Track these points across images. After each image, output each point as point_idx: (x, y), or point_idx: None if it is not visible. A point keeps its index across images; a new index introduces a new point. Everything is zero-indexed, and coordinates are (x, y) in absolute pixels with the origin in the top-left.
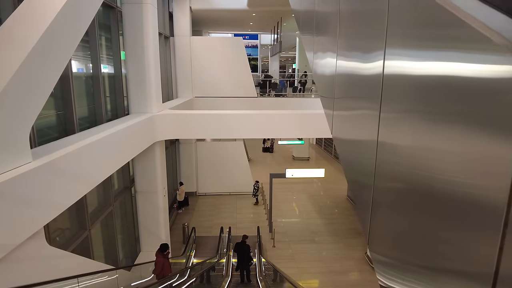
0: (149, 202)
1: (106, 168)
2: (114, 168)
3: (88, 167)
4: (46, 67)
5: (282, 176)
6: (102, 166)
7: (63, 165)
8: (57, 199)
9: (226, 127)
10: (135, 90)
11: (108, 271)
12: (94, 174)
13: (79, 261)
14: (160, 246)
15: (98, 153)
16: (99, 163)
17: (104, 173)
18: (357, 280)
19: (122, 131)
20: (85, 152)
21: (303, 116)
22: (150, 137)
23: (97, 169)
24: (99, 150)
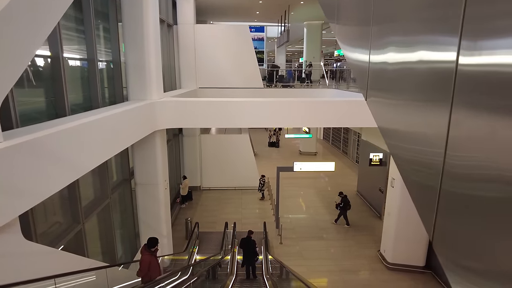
0: (150, 195)
1: (98, 154)
2: (108, 155)
3: (75, 151)
4: (19, 32)
5: (290, 169)
6: (93, 152)
7: (44, 147)
8: (34, 187)
9: (232, 116)
10: (134, 76)
11: (94, 270)
12: (83, 160)
13: (65, 258)
14: (147, 241)
15: (87, 137)
16: (89, 148)
17: (95, 160)
18: (370, 280)
19: (117, 115)
20: (72, 134)
21: (319, 104)
22: (150, 125)
23: (87, 154)
24: (89, 133)
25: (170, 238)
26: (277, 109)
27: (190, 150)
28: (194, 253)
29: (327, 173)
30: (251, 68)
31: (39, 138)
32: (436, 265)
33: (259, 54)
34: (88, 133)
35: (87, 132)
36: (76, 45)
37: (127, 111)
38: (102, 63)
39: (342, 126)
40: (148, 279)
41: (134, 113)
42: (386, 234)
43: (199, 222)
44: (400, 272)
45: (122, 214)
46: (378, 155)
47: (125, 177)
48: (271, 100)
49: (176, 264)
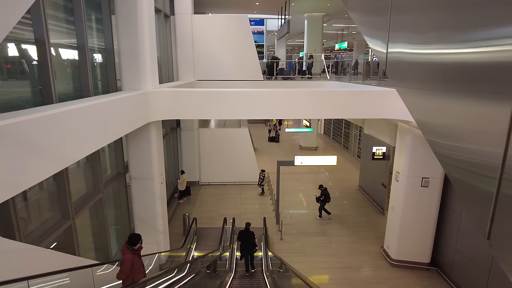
0: (145, 189)
1: (84, 144)
2: (96, 146)
3: (57, 140)
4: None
5: (291, 163)
6: (78, 142)
7: (19, 135)
8: (7, 177)
9: (231, 106)
10: (128, 64)
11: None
12: (67, 150)
13: (48, 257)
14: (128, 237)
15: (72, 126)
16: (73, 137)
17: (81, 150)
18: (374, 277)
19: (106, 103)
20: (53, 122)
21: (324, 94)
22: (144, 116)
23: (71, 144)
24: (74, 122)
25: (167, 234)
26: (280, 100)
27: (188, 144)
28: (192, 249)
29: (328, 168)
30: (251, 60)
31: (12, 124)
32: (442, 262)
33: (258, 48)
34: (72, 121)
35: (72, 120)
36: (65, 30)
37: (118, 100)
38: (93, 50)
39: (351, 117)
40: (130, 282)
41: (126, 102)
42: (390, 229)
43: (198, 217)
44: (405, 269)
45: (116, 210)
46: (381, 148)
47: (120, 171)
48: (273, 90)
49: (173, 261)
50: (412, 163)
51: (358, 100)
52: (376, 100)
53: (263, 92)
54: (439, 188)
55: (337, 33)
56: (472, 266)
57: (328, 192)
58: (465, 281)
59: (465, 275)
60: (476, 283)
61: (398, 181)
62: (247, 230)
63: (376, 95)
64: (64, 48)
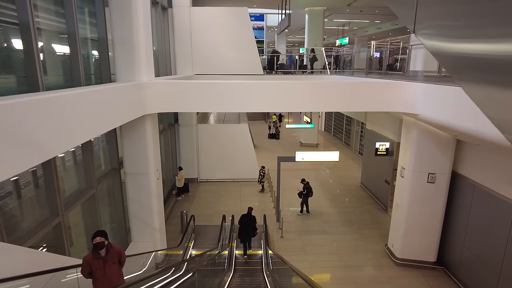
0: (140, 186)
1: (73, 135)
2: (85, 136)
3: (40, 129)
4: None
5: (292, 159)
6: (66, 132)
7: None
8: None
9: (229, 99)
10: (122, 54)
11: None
12: (52, 139)
13: (29, 257)
14: (93, 236)
15: (58, 114)
16: (60, 126)
17: (68, 141)
18: (378, 276)
19: (98, 92)
20: (36, 108)
21: (327, 86)
22: (138, 108)
23: (56, 133)
24: (61, 110)
25: (164, 232)
26: (281, 92)
27: (186, 140)
28: (190, 247)
29: (329, 165)
30: (251, 54)
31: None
32: (448, 261)
33: (258, 44)
34: (57, 109)
35: (57, 107)
36: (53, 15)
37: (110, 89)
38: (85, 39)
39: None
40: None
41: (119, 92)
42: (395, 227)
43: (196, 215)
44: (410, 268)
45: (111, 207)
46: (385, 144)
47: (114, 167)
48: (274, 82)
49: (170, 259)
50: (418, 158)
51: (362, 92)
52: (381, 92)
53: (263, 83)
54: (446, 184)
55: (338, 28)
56: (481, 265)
57: (310, 186)
58: (474, 281)
59: (473, 274)
60: (485, 283)
61: (403, 177)
62: (249, 214)
63: (381, 87)
64: (53, 36)
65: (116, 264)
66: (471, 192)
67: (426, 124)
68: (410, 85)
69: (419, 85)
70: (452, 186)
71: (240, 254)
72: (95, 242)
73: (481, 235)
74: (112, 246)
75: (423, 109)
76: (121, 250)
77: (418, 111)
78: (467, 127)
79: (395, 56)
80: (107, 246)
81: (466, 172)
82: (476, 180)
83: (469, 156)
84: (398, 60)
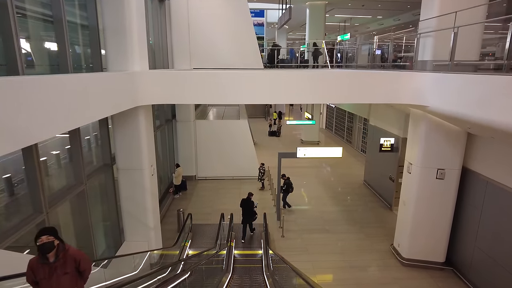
0: (134, 182)
1: (54, 122)
2: (69, 125)
3: (14, 113)
4: None
5: (293, 155)
6: (45, 119)
7: None
8: None
9: (227, 90)
10: (113, 42)
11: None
12: (28, 126)
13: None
14: (37, 234)
15: (37, 99)
16: (39, 112)
17: (49, 129)
18: (384, 277)
19: (84, 78)
20: (10, 91)
21: (330, 76)
22: (130, 99)
23: (35, 120)
24: (41, 95)
25: (159, 230)
26: (282, 83)
27: (184, 136)
28: (186, 247)
29: (331, 162)
30: (250, 46)
31: None
32: (458, 261)
33: (258, 40)
34: (36, 93)
35: (36, 92)
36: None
37: (98, 76)
38: (73, 26)
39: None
40: None
41: (109, 81)
42: (401, 226)
43: (194, 213)
44: (417, 269)
45: (103, 204)
46: (389, 140)
47: (106, 162)
48: (274, 72)
49: (165, 260)
50: (426, 153)
51: (367, 83)
52: (387, 84)
53: (263, 74)
54: (456, 181)
55: (339, 25)
56: (494, 265)
57: (290, 182)
58: (486, 283)
59: (485, 276)
60: (498, 285)
61: (410, 173)
62: (248, 199)
63: (388, 77)
64: (35, 20)
65: (70, 273)
66: (483, 189)
67: (436, 117)
68: (419, 75)
69: (429, 74)
70: (462, 183)
71: (238, 253)
72: (40, 243)
73: (495, 234)
74: (66, 249)
75: (433, 100)
76: (81, 255)
77: (428, 102)
78: (485, 118)
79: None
80: (58, 249)
81: (478, 167)
82: (489, 175)
83: (481, 150)
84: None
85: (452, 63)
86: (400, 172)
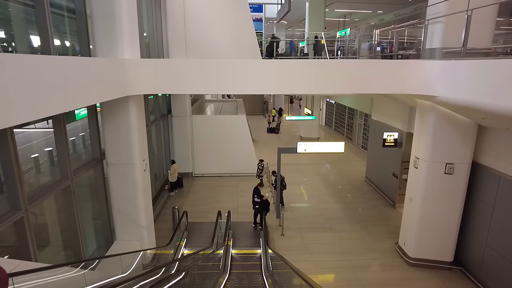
0: (124, 178)
1: (25, 108)
2: (46, 111)
3: None
4: None
5: (293, 151)
6: (13, 103)
7: None
8: None
9: (223, 79)
10: (101, 27)
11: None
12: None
13: None
14: None
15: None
16: (4, 95)
17: (17, 114)
18: (390, 278)
19: (63, 62)
20: None
21: (332, 65)
22: (120, 88)
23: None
24: (6, 75)
25: (152, 229)
26: (281, 72)
27: (180, 132)
28: (181, 246)
29: (331, 159)
30: (248, 37)
31: None
32: (467, 261)
33: (257, 35)
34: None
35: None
36: None
37: (81, 62)
38: (57, 7)
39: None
40: None
41: (95, 66)
42: (407, 224)
43: (190, 211)
44: (424, 269)
45: (92, 201)
46: (393, 134)
47: (96, 156)
48: (273, 61)
49: (159, 260)
50: (434, 147)
51: (372, 72)
52: (393, 73)
53: (263, 63)
54: (466, 176)
55: (339, 20)
56: (507, 265)
57: (282, 178)
58: (498, 283)
59: (497, 275)
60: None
61: (417, 168)
62: (256, 188)
63: (394, 66)
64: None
65: None
66: (495, 184)
67: (445, 108)
68: (427, 64)
69: (439, 62)
70: (472, 178)
71: (236, 253)
72: None
73: (509, 232)
74: None
75: (443, 89)
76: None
77: (437, 92)
78: (503, 106)
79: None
80: None
81: (490, 161)
82: (502, 170)
83: (494, 143)
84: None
85: (464, 49)
86: (404, 168)
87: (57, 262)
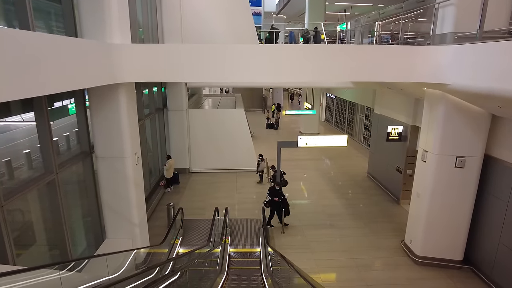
0: (115, 172)
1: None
2: (16, 94)
3: None
4: None
5: (293, 144)
6: None
7: None
8: None
9: (220, 66)
10: (88, 9)
11: None
12: None
13: None
14: None
15: None
16: None
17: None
18: (396, 278)
19: (40, 39)
20: None
21: (335, 50)
22: (107, 74)
23: None
24: None
25: (145, 227)
26: (282, 59)
27: (176, 126)
28: (177, 245)
29: (332, 155)
30: (246, 27)
31: None
32: (479, 259)
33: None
34: None
35: None
36: None
37: (61, 41)
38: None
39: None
40: None
41: (76, 48)
42: (414, 220)
43: (187, 208)
44: (432, 268)
45: (80, 197)
46: (397, 128)
47: (84, 149)
48: (273, 46)
49: (152, 259)
50: (444, 140)
51: (378, 59)
52: (401, 59)
53: (261, 48)
54: (478, 169)
55: (339, 15)
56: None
57: (282, 173)
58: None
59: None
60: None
61: (425, 162)
62: (273, 186)
63: (401, 52)
64: None
65: None
66: (510, 178)
67: (456, 98)
68: (438, 49)
69: (452, 47)
70: (484, 172)
71: (234, 251)
72: None
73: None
74: None
75: (455, 77)
76: None
77: (449, 80)
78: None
79: None
80: None
81: (504, 155)
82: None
83: (508, 135)
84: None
85: (481, 32)
86: (409, 163)
87: (41, 263)
